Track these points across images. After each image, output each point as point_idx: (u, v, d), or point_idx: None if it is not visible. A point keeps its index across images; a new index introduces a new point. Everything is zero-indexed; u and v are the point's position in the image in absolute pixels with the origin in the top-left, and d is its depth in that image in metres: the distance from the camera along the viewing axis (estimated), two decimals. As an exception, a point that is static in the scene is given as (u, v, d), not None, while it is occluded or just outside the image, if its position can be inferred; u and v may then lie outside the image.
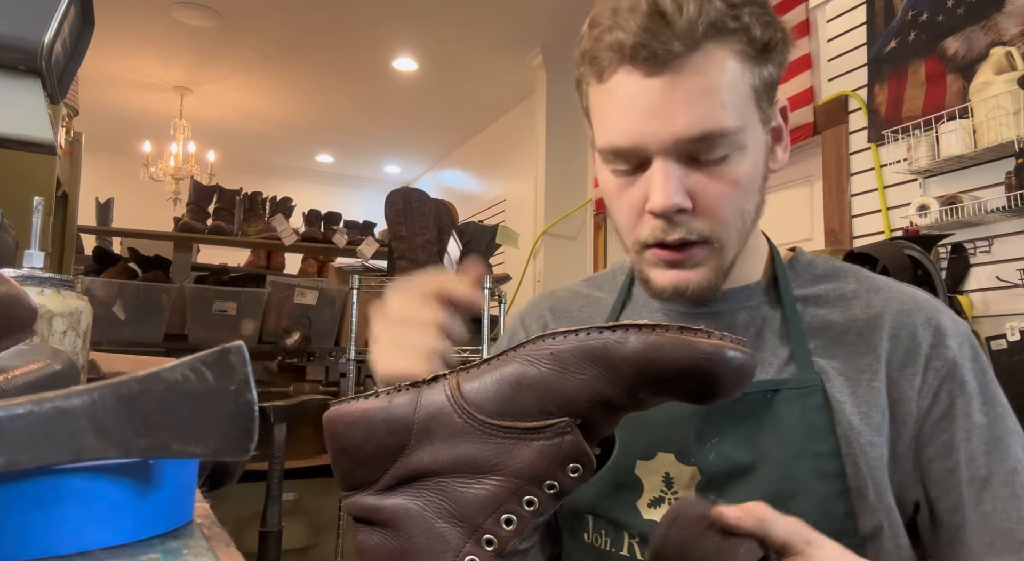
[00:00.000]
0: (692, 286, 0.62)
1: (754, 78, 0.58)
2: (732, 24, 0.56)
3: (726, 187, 0.59)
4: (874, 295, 0.67)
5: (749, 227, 0.63)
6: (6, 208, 1.03)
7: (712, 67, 0.56)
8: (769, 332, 0.67)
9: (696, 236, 0.60)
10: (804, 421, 0.60)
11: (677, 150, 0.57)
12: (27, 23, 0.64)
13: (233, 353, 0.36)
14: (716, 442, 0.62)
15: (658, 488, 0.64)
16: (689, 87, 0.56)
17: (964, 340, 0.64)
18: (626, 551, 0.64)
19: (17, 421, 0.31)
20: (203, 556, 0.35)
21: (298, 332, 2.85)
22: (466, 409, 0.41)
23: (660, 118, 0.56)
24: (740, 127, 0.58)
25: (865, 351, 0.64)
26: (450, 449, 0.41)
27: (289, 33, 3.95)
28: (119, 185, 4.70)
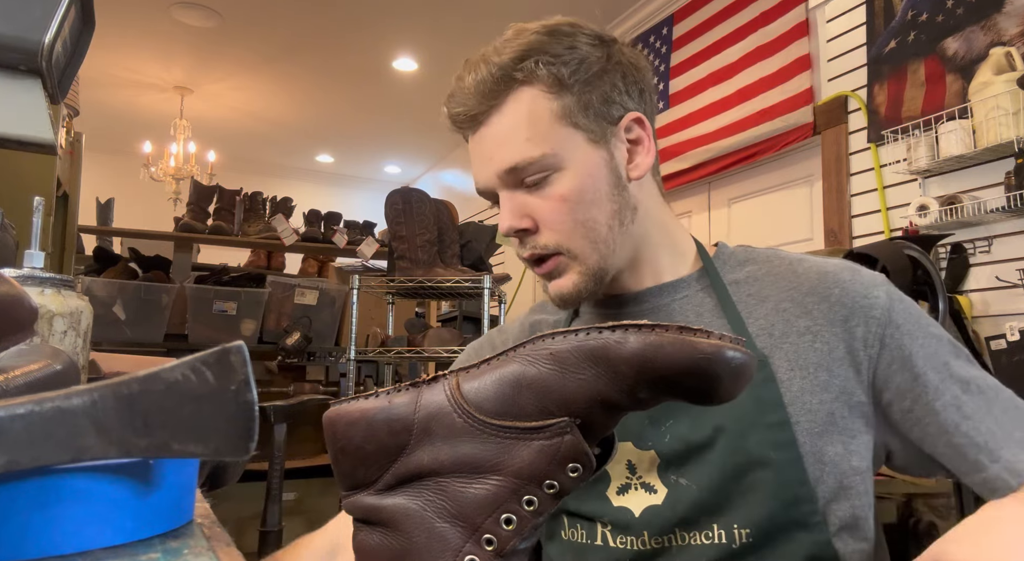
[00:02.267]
0: (567, 292, 0.69)
1: (560, 110, 0.67)
2: (518, 75, 0.67)
3: (555, 204, 0.67)
4: (797, 265, 0.72)
5: (605, 233, 0.69)
6: (6, 208, 1.03)
7: (509, 113, 0.68)
8: (708, 315, 0.71)
9: (541, 249, 0.69)
10: (752, 396, 0.64)
11: (504, 183, 0.69)
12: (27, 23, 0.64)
13: (233, 353, 0.36)
14: (670, 424, 0.65)
15: (623, 475, 0.67)
16: (495, 132, 0.68)
17: (887, 286, 0.68)
18: (600, 540, 0.67)
19: (17, 421, 0.31)
20: (203, 556, 0.35)
21: (298, 332, 2.85)
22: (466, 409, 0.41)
23: (484, 163, 0.70)
24: (548, 154, 0.66)
25: (801, 314, 0.67)
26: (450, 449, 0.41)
27: (289, 33, 3.95)
28: (119, 185, 4.70)
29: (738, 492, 0.62)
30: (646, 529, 0.64)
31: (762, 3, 2.79)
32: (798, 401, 0.64)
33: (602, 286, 0.70)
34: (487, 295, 2.40)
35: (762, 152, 2.74)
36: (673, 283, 0.73)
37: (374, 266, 3.23)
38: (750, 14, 2.85)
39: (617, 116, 0.70)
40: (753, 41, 2.81)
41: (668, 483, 0.65)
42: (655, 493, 0.65)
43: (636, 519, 0.65)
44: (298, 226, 3.22)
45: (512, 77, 0.67)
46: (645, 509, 0.65)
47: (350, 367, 2.57)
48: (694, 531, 0.63)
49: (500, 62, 0.68)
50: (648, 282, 0.74)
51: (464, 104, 0.69)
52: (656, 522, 0.64)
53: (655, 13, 3.44)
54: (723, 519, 0.62)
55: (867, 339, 0.65)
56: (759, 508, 0.61)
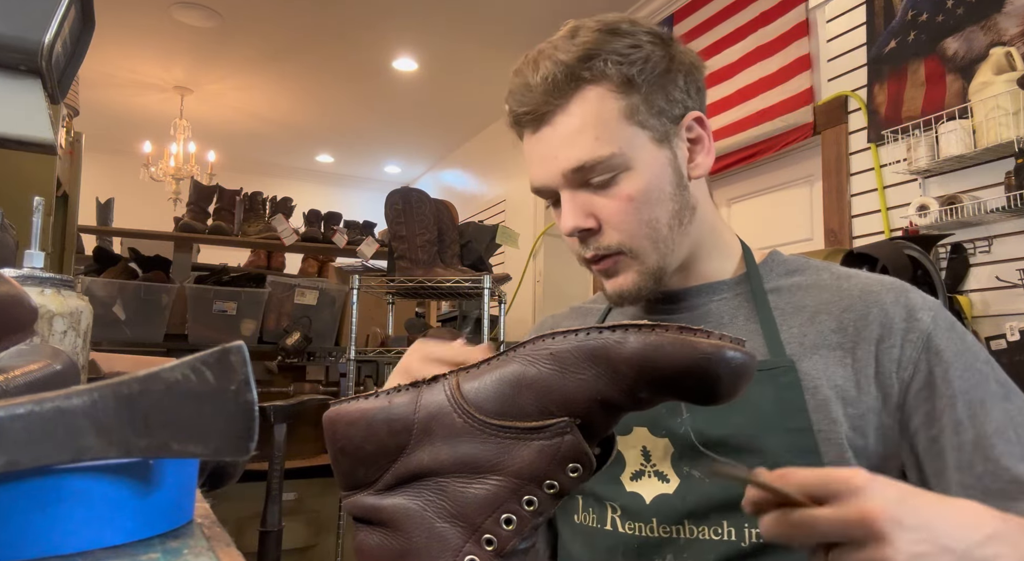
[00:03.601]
0: (627, 290, 0.70)
1: (628, 110, 0.68)
2: (586, 74, 0.67)
3: (621, 203, 0.68)
4: (844, 281, 0.71)
5: (666, 233, 0.70)
6: (6, 208, 1.03)
7: (577, 111, 0.68)
8: (742, 319, 0.71)
9: (604, 250, 0.69)
10: (777, 399, 0.63)
11: (569, 181, 0.69)
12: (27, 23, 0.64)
13: (233, 353, 0.36)
14: (687, 416, 0.65)
15: (638, 461, 0.67)
16: (562, 131, 0.68)
17: (936, 312, 0.66)
18: (609, 525, 0.67)
19: (17, 421, 0.31)
20: (203, 556, 0.35)
21: (298, 332, 2.85)
22: (466, 409, 0.41)
23: (548, 161, 0.69)
24: (616, 153, 0.67)
25: (836, 329, 0.67)
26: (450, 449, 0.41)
27: (289, 33, 3.95)
28: (119, 185, 4.70)
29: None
30: (655, 517, 0.64)
31: (762, 3, 2.78)
32: (823, 410, 0.63)
33: (660, 285, 0.71)
34: (487, 295, 2.40)
35: (762, 152, 2.74)
36: (711, 285, 0.74)
37: (374, 266, 3.23)
38: (750, 14, 2.85)
39: (679, 115, 0.71)
40: (753, 41, 2.81)
41: (681, 474, 0.65)
42: (667, 482, 0.65)
43: (646, 506, 0.65)
44: (298, 226, 3.22)
45: (580, 76, 0.67)
46: (656, 497, 0.65)
47: (350, 367, 2.57)
48: (703, 525, 0.63)
49: (566, 61, 0.67)
50: (691, 282, 0.74)
51: (528, 103, 0.69)
52: (666, 511, 0.64)
53: (655, 13, 3.44)
54: (734, 517, 0.62)
55: (901, 362, 0.64)
56: None
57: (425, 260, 2.39)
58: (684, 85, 0.71)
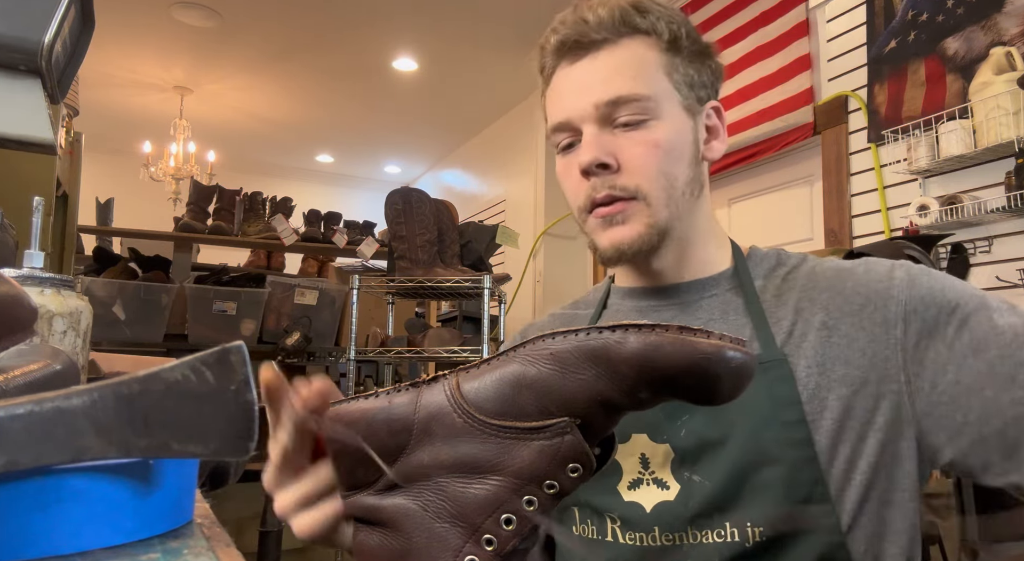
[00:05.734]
0: (628, 241, 0.69)
1: (668, 66, 0.70)
2: (641, 23, 0.69)
3: (646, 148, 0.68)
4: (817, 265, 0.72)
5: (679, 196, 0.70)
6: (6, 208, 1.03)
7: (622, 53, 0.69)
8: (733, 314, 0.71)
9: (620, 191, 0.68)
10: (769, 393, 0.63)
11: (599, 115, 0.68)
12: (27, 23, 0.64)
13: (233, 353, 0.36)
14: (686, 420, 0.65)
15: (636, 470, 0.67)
16: (604, 64, 0.69)
17: (907, 266, 0.66)
18: (610, 536, 0.66)
19: (17, 421, 0.31)
20: (203, 556, 0.35)
21: (298, 332, 2.85)
22: (466, 409, 0.40)
23: (582, 92, 0.69)
24: (651, 96, 0.68)
25: (817, 311, 0.67)
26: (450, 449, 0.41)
27: (289, 33, 3.95)
28: (119, 185, 4.70)
29: (751, 490, 0.61)
30: (657, 525, 0.64)
31: (762, 3, 2.78)
32: (815, 399, 0.63)
33: (655, 251, 0.70)
34: (487, 295, 2.40)
35: (762, 152, 2.74)
36: (704, 280, 0.74)
37: (374, 266, 3.23)
38: (750, 14, 2.85)
39: (704, 97, 0.73)
40: (753, 41, 2.81)
41: (681, 479, 0.64)
42: (667, 489, 0.64)
43: (647, 515, 0.64)
44: (298, 226, 3.22)
45: (635, 23, 0.69)
46: (656, 505, 0.64)
47: (350, 367, 2.57)
48: (706, 529, 0.62)
49: (625, 5, 0.69)
50: (687, 275, 0.75)
51: (579, 31, 0.69)
52: (668, 519, 0.63)
53: (655, 13, 3.44)
54: (736, 517, 0.61)
55: (888, 321, 0.63)
56: (772, 506, 0.60)
57: (425, 260, 2.39)
58: (711, 74, 0.74)
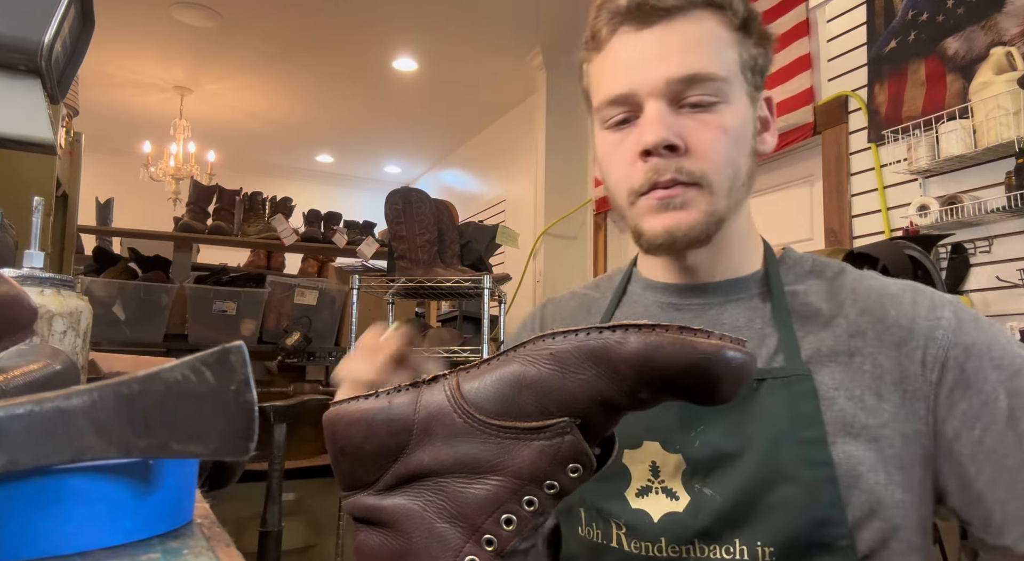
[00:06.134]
0: (684, 228, 0.64)
1: (739, 48, 0.65)
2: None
3: (715, 132, 0.63)
4: (859, 283, 0.68)
5: (740, 187, 0.66)
6: (6, 208, 1.03)
7: (698, 26, 0.63)
8: (759, 322, 0.67)
9: (686, 176, 0.63)
10: (790, 409, 0.60)
11: (668, 92, 0.63)
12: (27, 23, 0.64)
13: (233, 353, 0.36)
14: (701, 430, 0.62)
15: (645, 477, 0.64)
16: (680, 36, 0.63)
17: (956, 307, 0.63)
18: (615, 543, 0.64)
19: (17, 421, 0.31)
20: (203, 556, 0.35)
21: (298, 332, 2.85)
22: (466, 409, 0.40)
23: (653, 63, 0.63)
24: (726, 78, 0.63)
25: (853, 334, 0.63)
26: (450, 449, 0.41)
27: (289, 33, 3.95)
28: (119, 185, 4.70)
29: (765, 507, 0.58)
30: (664, 536, 0.61)
31: (762, 3, 2.78)
32: (839, 421, 0.60)
33: (707, 240, 0.66)
34: (487, 295, 2.40)
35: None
36: (731, 282, 0.70)
37: (374, 266, 3.23)
38: (750, 14, 2.85)
39: (760, 88, 0.69)
40: (753, 41, 2.81)
41: (691, 491, 0.62)
42: (676, 499, 0.62)
43: (654, 525, 0.62)
44: (298, 226, 3.22)
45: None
46: (664, 515, 0.62)
47: (350, 367, 2.57)
48: (714, 544, 0.60)
49: None
50: (717, 275, 0.71)
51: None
52: (675, 530, 0.61)
53: (655, 13, 3.44)
54: (746, 535, 0.59)
55: (926, 362, 0.60)
56: (785, 526, 0.58)
57: (425, 260, 2.39)
58: (766, 62, 0.69)
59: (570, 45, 4.01)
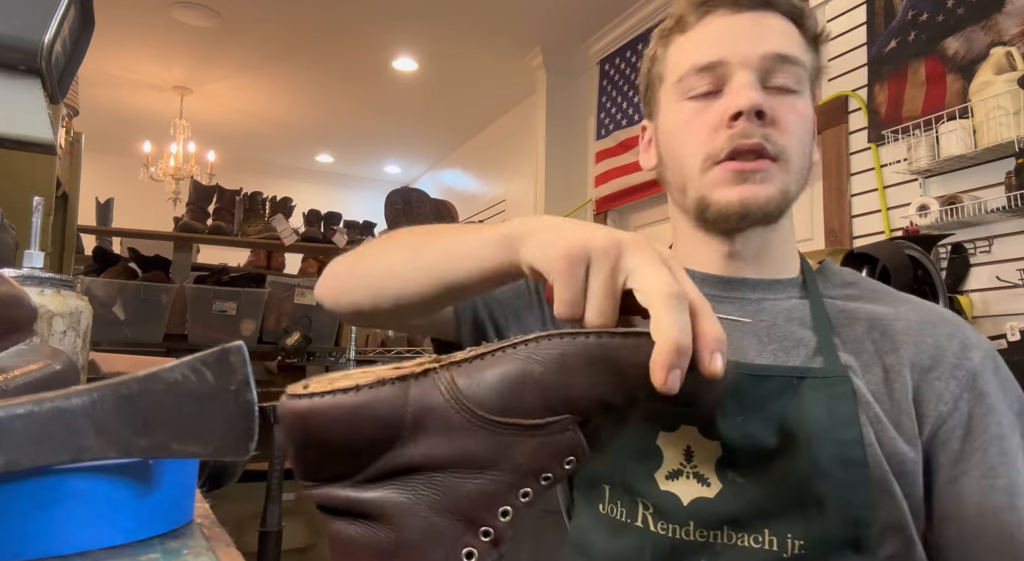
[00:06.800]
0: (760, 201, 0.65)
1: (811, 58, 0.70)
2: (795, 9, 0.69)
3: (796, 116, 0.67)
4: (902, 303, 0.70)
5: (803, 180, 0.70)
6: (6, 208, 1.03)
7: (787, 26, 0.69)
8: (798, 323, 0.68)
9: (771, 145, 0.65)
10: (829, 408, 0.61)
11: (760, 67, 0.66)
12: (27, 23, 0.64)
13: (233, 353, 0.36)
14: (741, 420, 0.62)
15: (677, 460, 0.64)
16: (774, 23, 0.68)
17: (987, 354, 0.65)
18: (640, 522, 0.64)
19: (17, 421, 0.31)
20: (203, 556, 0.35)
21: (298, 332, 2.85)
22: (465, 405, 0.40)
23: (748, 38, 0.67)
24: (807, 69, 0.68)
25: (890, 350, 0.65)
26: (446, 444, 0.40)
27: (289, 33, 3.95)
28: (119, 185, 4.70)
29: (798, 502, 0.59)
30: (693, 520, 0.62)
31: (762, 3, 2.79)
32: (876, 425, 0.62)
33: (777, 217, 0.69)
34: (487, 295, 2.40)
35: (762, 152, 2.74)
36: (770, 282, 0.72)
37: (374, 266, 3.22)
38: (750, 14, 2.85)
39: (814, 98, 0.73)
40: (753, 41, 2.81)
41: (724, 479, 0.62)
42: (708, 486, 0.63)
43: (684, 508, 0.63)
44: (298, 226, 3.22)
45: (800, 11, 0.69)
46: (694, 499, 0.63)
47: (350, 367, 2.57)
48: (743, 533, 0.61)
49: None
50: (759, 272, 0.72)
51: None
52: (705, 515, 0.62)
53: (656, 12, 3.44)
54: (776, 526, 0.60)
55: (943, 396, 0.63)
56: (818, 522, 0.59)
57: (425, 260, 2.38)
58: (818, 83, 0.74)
59: (570, 45, 4.02)
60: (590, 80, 3.98)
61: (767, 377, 0.63)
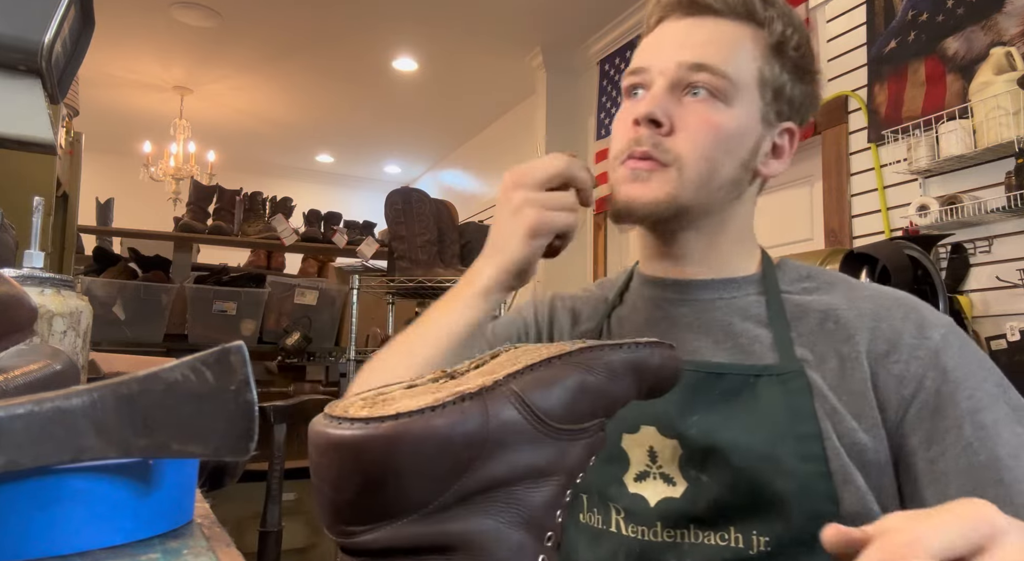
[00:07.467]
0: (642, 201, 0.67)
1: (763, 64, 0.69)
2: (759, 12, 0.68)
3: (703, 124, 0.66)
4: (854, 291, 0.69)
5: (714, 188, 0.68)
6: (6, 208, 1.03)
7: (728, 29, 0.68)
8: (754, 321, 0.69)
9: (659, 153, 0.67)
10: (785, 404, 0.62)
11: (675, 74, 0.67)
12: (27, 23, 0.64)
13: (233, 353, 0.36)
14: (696, 419, 0.64)
15: (643, 462, 0.66)
16: (708, 31, 0.68)
17: (948, 330, 0.64)
18: (614, 527, 0.65)
19: (17, 421, 0.31)
20: (203, 556, 0.35)
21: (298, 332, 2.85)
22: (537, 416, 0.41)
23: (673, 46, 0.69)
24: (733, 80, 0.67)
25: (844, 339, 0.65)
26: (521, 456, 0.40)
27: (289, 33, 3.95)
28: (119, 185, 4.70)
29: (761, 499, 0.60)
30: (660, 520, 0.63)
31: (762, 3, 2.79)
32: (833, 418, 0.62)
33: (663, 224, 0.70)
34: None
35: (762, 152, 2.74)
36: (725, 281, 0.72)
37: (374, 266, 3.23)
38: (750, 14, 2.85)
39: (786, 115, 0.72)
40: (753, 41, 2.81)
41: (688, 477, 0.63)
42: (674, 485, 0.64)
43: (651, 509, 0.64)
44: (298, 226, 3.22)
45: (754, 10, 0.69)
46: (661, 500, 0.64)
47: (350, 367, 2.57)
48: (709, 531, 0.61)
49: None
50: (710, 272, 0.73)
51: None
52: (671, 515, 0.63)
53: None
54: (742, 523, 0.60)
55: (904, 378, 0.62)
56: (781, 518, 0.59)
57: (425, 260, 2.39)
58: (803, 95, 0.73)
59: (570, 45, 4.02)
60: (590, 80, 3.98)
61: (723, 375, 0.65)
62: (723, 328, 0.69)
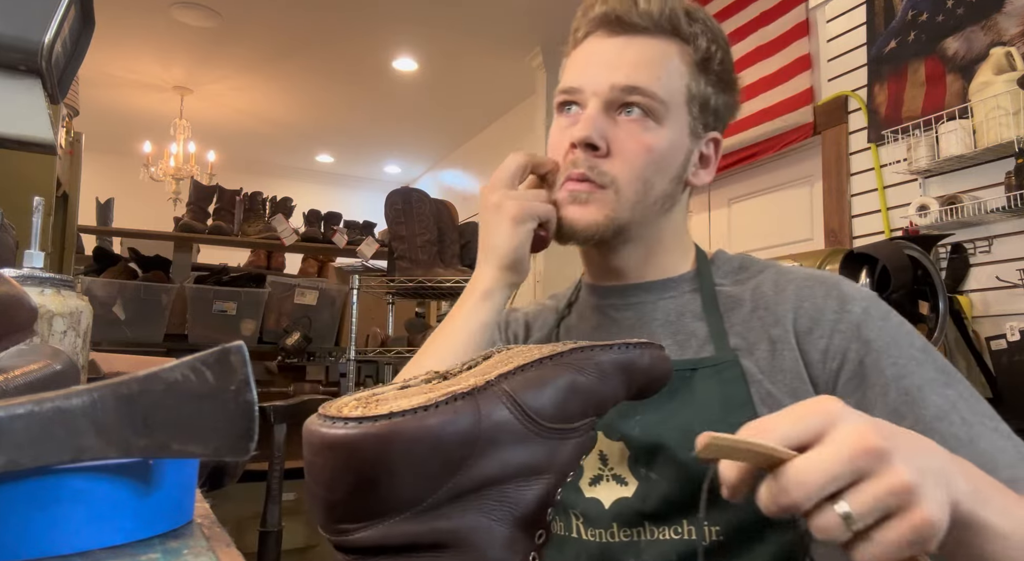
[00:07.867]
0: (583, 223, 0.69)
1: (690, 81, 0.71)
2: (684, 29, 0.70)
3: (638, 147, 0.69)
4: (781, 276, 0.72)
5: (649, 205, 0.71)
6: (6, 208, 1.03)
7: (657, 49, 0.70)
8: (690, 316, 0.72)
9: (596, 176, 0.69)
10: (722, 395, 0.64)
11: (609, 96, 0.69)
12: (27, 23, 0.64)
13: (233, 353, 0.36)
14: (639, 419, 0.66)
15: (596, 466, 0.68)
16: (637, 51, 0.70)
17: (869, 303, 0.66)
18: (574, 532, 0.67)
19: (17, 421, 0.31)
20: (203, 556, 0.35)
21: (298, 332, 2.85)
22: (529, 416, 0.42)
23: (605, 67, 0.70)
24: (665, 102, 0.69)
25: (774, 322, 0.67)
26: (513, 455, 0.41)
27: (289, 33, 3.95)
28: (119, 185, 4.70)
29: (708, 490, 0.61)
30: (615, 521, 0.64)
31: (762, 3, 2.78)
32: (769, 401, 0.64)
33: (608, 245, 0.72)
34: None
35: (762, 152, 2.74)
36: (663, 282, 0.75)
37: (374, 266, 3.23)
38: (750, 14, 2.85)
39: (711, 126, 0.75)
40: (753, 41, 2.81)
41: (639, 476, 0.65)
42: (626, 485, 0.65)
43: (605, 511, 0.65)
44: (298, 226, 3.22)
45: (679, 27, 0.70)
46: (615, 501, 0.65)
47: (350, 367, 2.58)
48: (663, 526, 0.63)
49: (675, 7, 0.70)
50: (648, 276, 0.76)
51: (625, 10, 0.70)
52: (625, 514, 0.64)
53: (655, 13, 3.44)
54: (693, 516, 0.62)
55: (829, 351, 0.64)
56: (730, 508, 0.60)
57: (425, 260, 2.39)
58: (725, 106, 0.75)
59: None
60: (590, 80, 3.98)
61: None
62: (663, 327, 0.72)
